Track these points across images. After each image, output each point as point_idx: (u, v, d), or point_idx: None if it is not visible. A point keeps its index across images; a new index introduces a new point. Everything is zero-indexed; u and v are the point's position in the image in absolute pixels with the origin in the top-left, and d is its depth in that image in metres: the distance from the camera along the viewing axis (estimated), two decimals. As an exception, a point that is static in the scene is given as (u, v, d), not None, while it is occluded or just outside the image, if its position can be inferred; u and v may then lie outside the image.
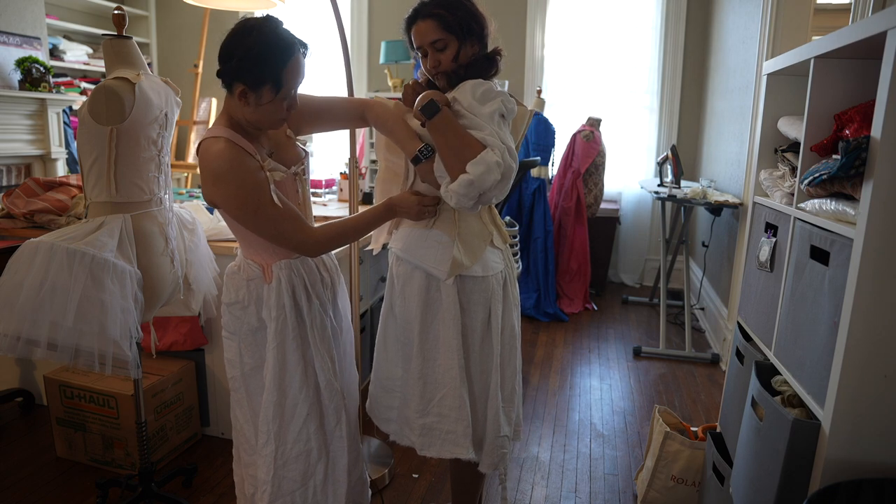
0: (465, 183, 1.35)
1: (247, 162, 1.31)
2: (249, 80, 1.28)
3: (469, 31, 1.45)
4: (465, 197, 1.37)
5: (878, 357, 1.09)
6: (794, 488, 1.20)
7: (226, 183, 1.28)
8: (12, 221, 2.25)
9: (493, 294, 1.55)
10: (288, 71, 1.29)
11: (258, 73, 1.27)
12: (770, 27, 2.81)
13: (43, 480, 2.12)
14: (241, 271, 1.46)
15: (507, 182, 1.39)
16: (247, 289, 1.45)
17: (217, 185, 1.29)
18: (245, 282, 1.45)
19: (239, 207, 1.31)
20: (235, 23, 1.31)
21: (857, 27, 1.11)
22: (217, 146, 1.29)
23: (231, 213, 1.34)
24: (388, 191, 1.65)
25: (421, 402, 1.57)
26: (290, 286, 1.44)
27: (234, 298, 1.47)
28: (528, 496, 2.11)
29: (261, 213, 1.32)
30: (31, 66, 3.96)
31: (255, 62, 1.26)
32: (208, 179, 1.30)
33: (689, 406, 2.80)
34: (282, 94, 1.31)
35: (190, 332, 2.25)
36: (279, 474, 1.46)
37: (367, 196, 3.11)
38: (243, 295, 1.45)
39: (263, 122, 1.35)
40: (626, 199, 4.89)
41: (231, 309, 1.48)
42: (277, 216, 1.34)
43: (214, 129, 1.34)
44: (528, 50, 4.79)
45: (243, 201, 1.30)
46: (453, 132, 1.38)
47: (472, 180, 1.34)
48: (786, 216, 1.45)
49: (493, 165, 1.34)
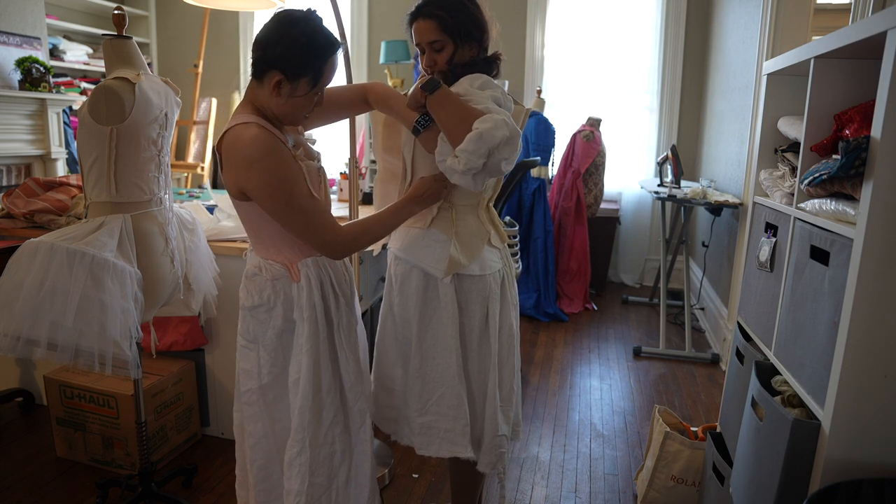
0: (474, 138, 1.29)
1: (281, 149, 1.28)
2: (289, 71, 1.26)
3: (467, 35, 1.45)
4: (474, 154, 1.30)
5: (878, 357, 1.09)
6: (794, 488, 1.20)
7: (260, 169, 1.24)
8: (12, 221, 2.25)
9: (490, 293, 1.55)
10: (328, 66, 1.29)
11: (300, 65, 1.26)
12: (770, 27, 2.81)
13: (43, 480, 2.12)
14: (263, 272, 1.41)
15: (515, 145, 1.34)
16: (272, 289, 1.40)
17: (251, 171, 1.24)
18: (269, 282, 1.40)
19: (272, 196, 1.27)
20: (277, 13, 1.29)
21: (857, 27, 1.11)
22: (250, 131, 1.25)
23: (263, 202, 1.29)
24: (388, 191, 1.65)
25: (419, 401, 1.57)
26: (318, 284, 1.40)
27: (258, 301, 1.41)
28: (528, 496, 2.11)
29: (294, 203, 1.28)
30: (31, 66, 3.96)
31: (299, 53, 1.25)
32: (241, 165, 1.25)
33: (689, 406, 2.80)
34: (316, 89, 1.31)
35: (190, 332, 2.25)
36: (312, 482, 1.41)
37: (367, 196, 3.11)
38: (268, 296, 1.40)
39: (290, 116, 1.34)
40: (626, 199, 4.89)
41: (255, 313, 1.42)
42: (310, 209, 1.30)
43: (242, 116, 1.30)
44: (528, 50, 4.79)
45: (277, 190, 1.26)
46: (454, 104, 1.36)
47: (481, 133, 1.29)
48: (786, 216, 1.45)
49: (500, 122, 1.30)
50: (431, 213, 1.53)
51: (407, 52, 4.62)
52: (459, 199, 1.53)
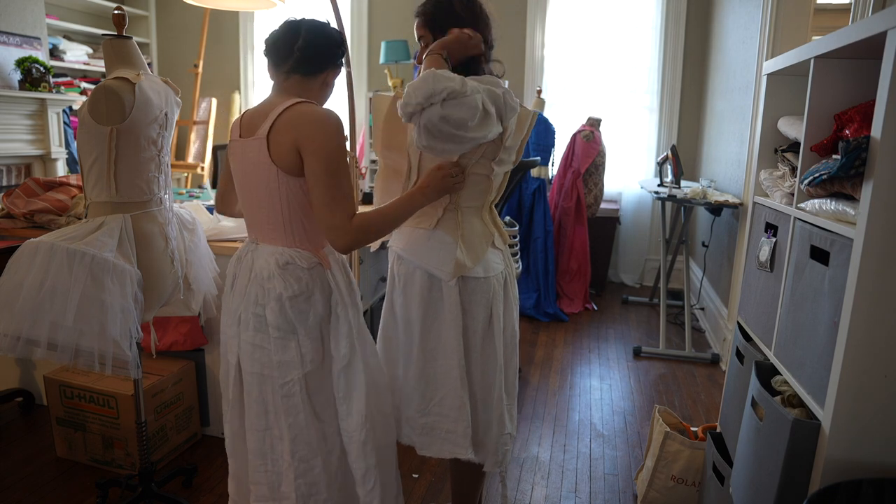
0: (424, 76, 1.30)
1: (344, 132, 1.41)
2: (337, 65, 1.47)
3: (444, 30, 1.47)
4: (415, 92, 1.29)
5: (878, 357, 1.09)
6: (794, 488, 1.20)
7: (329, 132, 1.33)
8: (12, 221, 2.25)
9: (494, 295, 1.55)
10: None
11: (338, 57, 1.47)
12: (770, 27, 2.81)
13: (43, 480, 2.12)
14: (297, 261, 1.40)
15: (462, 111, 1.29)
16: (309, 277, 1.41)
17: (321, 131, 1.33)
18: (306, 271, 1.41)
19: (327, 157, 1.33)
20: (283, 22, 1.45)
21: (857, 27, 1.11)
22: (325, 109, 1.39)
23: (313, 161, 1.32)
24: (389, 189, 1.64)
25: (422, 402, 1.57)
26: (344, 269, 1.49)
27: (298, 290, 1.39)
28: (528, 496, 2.11)
29: (338, 175, 1.35)
30: (31, 66, 3.97)
31: (336, 45, 1.45)
32: (308, 127, 1.32)
33: (689, 406, 2.80)
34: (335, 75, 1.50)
35: (190, 332, 2.25)
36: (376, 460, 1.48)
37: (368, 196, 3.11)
38: (306, 284, 1.40)
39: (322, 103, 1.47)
40: (626, 199, 4.89)
41: (295, 302, 1.39)
42: (345, 188, 1.36)
43: (296, 99, 1.39)
44: (528, 50, 4.79)
45: (334, 154, 1.34)
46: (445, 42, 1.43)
47: (435, 74, 1.29)
48: (786, 216, 1.45)
49: (461, 80, 1.30)
50: (437, 214, 1.52)
51: (407, 52, 4.62)
52: (465, 201, 1.53)
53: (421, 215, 1.54)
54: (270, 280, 1.39)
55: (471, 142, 1.37)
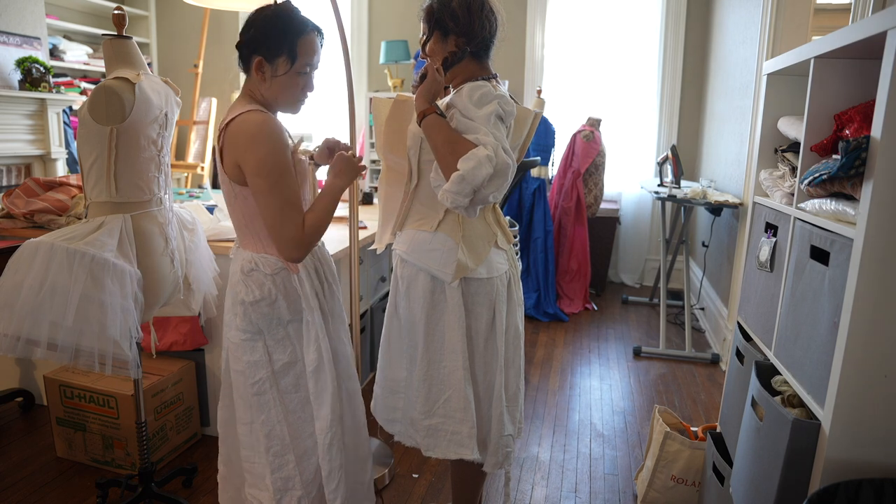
0: (457, 179, 1.33)
1: (284, 136, 1.37)
2: (265, 50, 1.35)
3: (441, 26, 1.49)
4: (459, 195, 1.34)
5: (878, 357, 1.09)
6: (794, 488, 1.20)
7: (261, 146, 1.31)
8: (12, 221, 2.25)
9: (497, 295, 1.55)
10: (302, 43, 1.36)
11: (274, 42, 1.34)
12: (770, 27, 2.81)
13: (43, 480, 2.12)
14: (261, 266, 1.43)
15: (503, 178, 1.36)
16: (272, 283, 1.43)
17: (252, 146, 1.31)
18: (269, 276, 1.43)
19: (264, 173, 1.32)
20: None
21: (857, 27, 1.11)
22: (259, 116, 1.34)
23: (252, 178, 1.33)
24: (392, 192, 1.64)
25: (426, 404, 1.57)
26: (315, 273, 1.48)
27: (259, 295, 1.43)
28: (528, 496, 2.11)
29: (279, 185, 1.33)
30: (31, 66, 3.96)
31: (271, 30, 1.34)
32: (244, 142, 1.32)
33: (689, 406, 2.80)
34: (296, 68, 1.37)
35: (190, 332, 2.25)
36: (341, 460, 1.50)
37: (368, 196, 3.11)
38: (268, 290, 1.43)
39: (280, 98, 1.40)
40: (626, 199, 4.89)
41: (256, 307, 1.44)
42: (289, 199, 1.35)
43: (245, 105, 1.37)
44: (528, 50, 4.79)
45: (270, 167, 1.32)
46: (442, 135, 1.38)
47: (463, 175, 1.32)
48: (786, 216, 1.45)
49: (483, 160, 1.32)
50: (438, 215, 1.52)
51: (407, 52, 4.62)
52: None
53: (423, 217, 1.54)
54: (237, 285, 1.47)
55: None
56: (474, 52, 1.50)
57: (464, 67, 1.50)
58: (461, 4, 1.46)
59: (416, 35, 1.62)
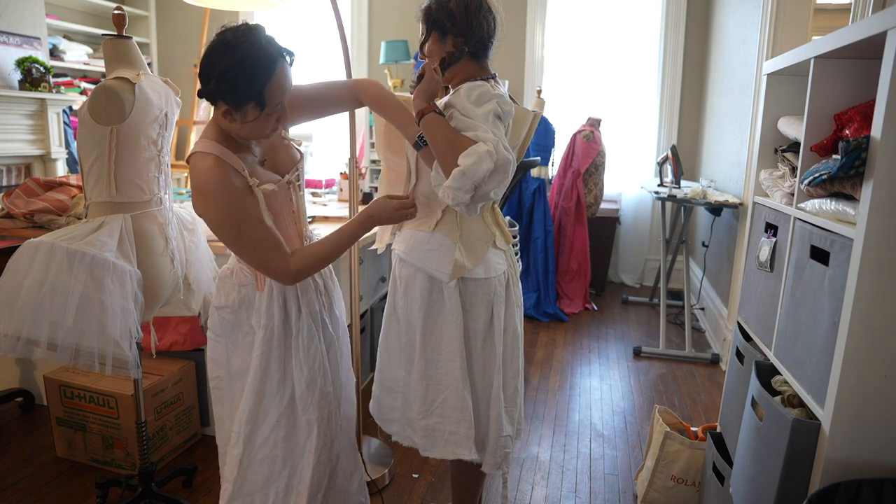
0: (457, 175, 1.31)
1: (234, 182, 1.28)
2: (231, 101, 1.24)
3: (439, 26, 1.48)
4: (460, 191, 1.32)
5: (878, 357, 1.09)
6: (794, 488, 1.20)
7: (211, 202, 1.27)
8: (12, 221, 2.25)
9: (495, 295, 1.55)
10: (270, 88, 1.24)
11: (239, 94, 1.23)
12: (770, 27, 2.81)
13: (43, 480, 2.12)
14: (234, 276, 1.45)
15: (504, 174, 1.36)
16: (238, 294, 1.44)
17: (203, 202, 1.28)
18: (237, 286, 1.44)
19: (220, 227, 1.30)
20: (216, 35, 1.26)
21: (857, 27, 1.11)
22: (206, 162, 1.26)
23: (214, 231, 1.32)
24: (392, 190, 1.64)
25: (424, 404, 1.57)
26: (281, 295, 1.44)
27: (225, 302, 1.45)
28: (528, 496, 2.11)
29: (242, 237, 1.31)
30: (31, 66, 3.96)
31: (233, 83, 1.22)
32: (196, 195, 1.29)
33: (689, 406, 2.80)
34: (267, 111, 1.27)
35: (190, 332, 2.25)
36: (242, 475, 1.47)
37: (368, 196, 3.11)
38: (234, 299, 1.44)
39: (252, 136, 1.34)
40: (626, 199, 4.89)
41: (221, 312, 1.47)
42: (258, 240, 1.32)
43: (203, 142, 1.31)
44: (528, 50, 4.79)
45: (225, 223, 1.29)
46: (442, 134, 1.37)
47: (464, 171, 1.31)
48: (786, 216, 1.45)
49: (483, 155, 1.31)
50: (436, 215, 1.53)
51: (407, 52, 4.62)
52: None
53: (421, 217, 1.54)
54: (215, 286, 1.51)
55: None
56: (472, 53, 1.49)
57: (462, 67, 1.50)
58: (459, 4, 1.46)
59: (415, 35, 1.60)
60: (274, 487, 1.48)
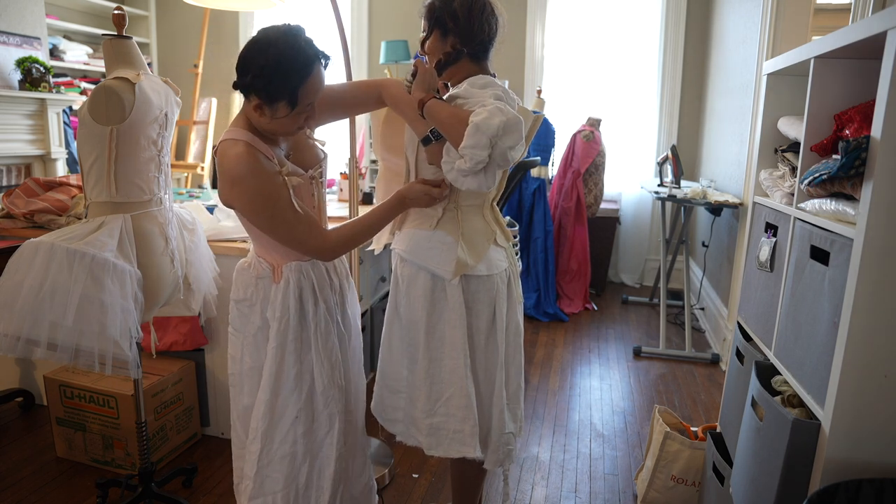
0: (471, 131, 1.29)
1: (265, 166, 1.32)
2: (264, 96, 1.28)
3: (441, 25, 1.48)
4: (476, 148, 1.29)
5: (878, 357, 1.09)
6: (794, 488, 1.20)
7: (243, 187, 1.29)
8: (12, 221, 2.25)
9: (498, 293, 1.55)
10: (305, 88, 1.29)
11: (273, 91, 1.27)
12: (770, 27, 2.81)
13: (43, 480, 2.12)
14: (252, 269, 1.46)
15: (517, 132, 1.32)
16: (255, 287, 1.45)
17: (234, 188, 1.30)
18: (254, 279, 1.45)
19: (255, 212, 1.33)
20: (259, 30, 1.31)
21: (857, 27, 1.11)
22: (236, 149, 1.29)
23: (248, 216, 1.35)
24: (390, 191, 1.64)
25: (428, 403, 1.57)
26: (297, 288, 1.44)
27: (243, 296, 1.47)
28: (528, 496, 2.11)
29: (277, 217, 1.33)
30: (31, 66, 3.96)
31: (269, 80, 1.26)
32: (226, 182, 1.31)
33: (689, 406, 2.80)
34: (298, 110, 1.31)
35: (190, 332, 2.25)
36: (262, 473, 1.47)
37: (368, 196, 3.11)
38: (251, 293, 1.46)
39: (280, 132, 1.37)
40: (626, 199, 4.89)
41: (239, 306, 1.48)
42: (293, 221, 1.35)
43: (233, 130, 1.34)
44: (528, 50, 4.79)
45: (260, 206, 1.32)
46: (448, 110, 1.37)
47: (477, 125, 1.28)
48: (786, 216, 1.45)
49: (493, 110, 1.29)
50: (437, 214, 1.53)
51: (407, 52, 4.62)
52: (465, 200, 1.53)
53: (421, 216, 1.55)
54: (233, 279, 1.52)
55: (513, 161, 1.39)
56: (472, 54, 1.49)
57: (461, 68, 1.50)
58: (463, 5, 1.46)
59: (416, 35, 1.61)
60: (294, 484, 1.48)
